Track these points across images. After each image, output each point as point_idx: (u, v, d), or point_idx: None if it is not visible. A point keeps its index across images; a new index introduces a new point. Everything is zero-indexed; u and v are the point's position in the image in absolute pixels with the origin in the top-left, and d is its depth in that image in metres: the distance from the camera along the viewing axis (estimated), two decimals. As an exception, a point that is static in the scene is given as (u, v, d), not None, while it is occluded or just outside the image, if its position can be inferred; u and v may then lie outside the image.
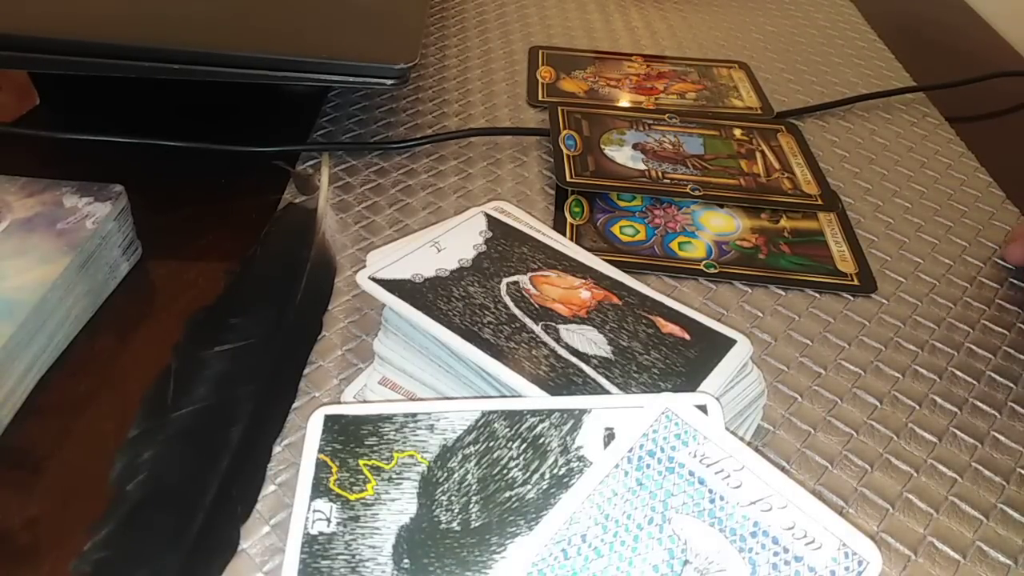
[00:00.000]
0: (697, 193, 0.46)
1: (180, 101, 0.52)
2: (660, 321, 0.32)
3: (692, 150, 0.50)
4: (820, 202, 0.46)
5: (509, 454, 0.27)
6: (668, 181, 0.47)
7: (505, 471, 0.27)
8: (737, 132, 0.52)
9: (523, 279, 0.34)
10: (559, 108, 0.53)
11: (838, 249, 0.44)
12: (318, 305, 0.38)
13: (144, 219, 0.41)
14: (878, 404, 0.36)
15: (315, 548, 0.25)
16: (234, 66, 0.43)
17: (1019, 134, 0.42)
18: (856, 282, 0.42)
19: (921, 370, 0.37)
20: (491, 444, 0.27)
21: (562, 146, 0.49)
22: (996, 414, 0.36)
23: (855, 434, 0.34)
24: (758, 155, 0.50)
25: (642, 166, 0.48)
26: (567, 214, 0.45)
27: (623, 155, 0.48)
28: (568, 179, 0.46)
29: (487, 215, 0.37)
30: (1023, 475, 0.33)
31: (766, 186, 0.47)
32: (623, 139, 0.50)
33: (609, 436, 0.27)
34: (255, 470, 0.31)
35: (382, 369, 0.34)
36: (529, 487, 0.26)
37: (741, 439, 0.27)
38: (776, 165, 0.49)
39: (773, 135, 0.52)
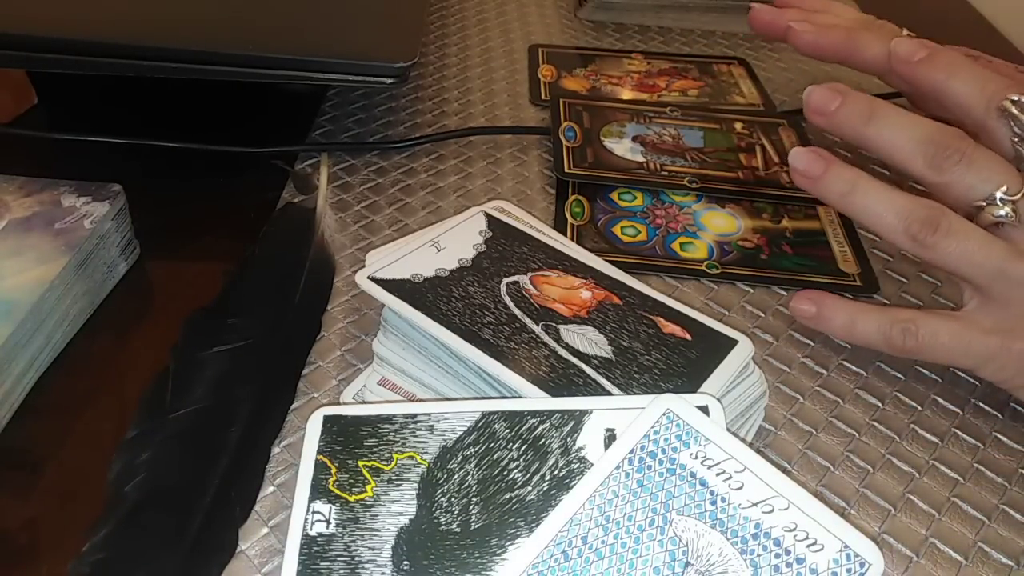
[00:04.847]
0: (694, 186, 0.46)
1: (178, 101, 0.52)
2: (661, 321, 0.32)
3: (692, 143, 0.49)
4: (819, 198, 0.46)
5: (509, 455, 0.27)
6: (666, 173, 0.47)
7: (505, 472, 0.27)
8: (738, 126, 0.52)
9: (523, 279, 0.33)
10: (560, 100, 0.53)
11: (840, 249, 0.44)
12: (317, 305, 0.38)
13: (142, 219, 0.41)
14: (880, 405, 0.36)
15: (314, 549, 0.25)
16: (233, 65, 0.43)
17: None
18: (858, 283, 0.42)
19: (923, 371, 0.37)
20: (491, 445, 0.27)
21: (562, 138, 0.49)
22: (998, 415, 0.35)
23: (857, 435, 0.34)
24: (758, 149, 0.49)
25: (640, 158, 0.48)
26: (568, 214, 0.45)
27: (622, 147, 0.48)
28: (566, 170, 0.46)
29: (487, 215, 0.37)
30: (1026, 476, 0.33)
31: (764, 180, 0.47)
32: (623, 131, 0.50)
33: (610, 437, 0.27)
34: (254, 471, 0.31)
35: (381, 370, 0.34)
36: (529, 488, 0.26)
37: (743, 440, 0.27)
38: (776, 159, 0.49)
39: (774, 129, 0.52)
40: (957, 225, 0.33)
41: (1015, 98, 0.34)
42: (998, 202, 0.33)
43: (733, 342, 0.31)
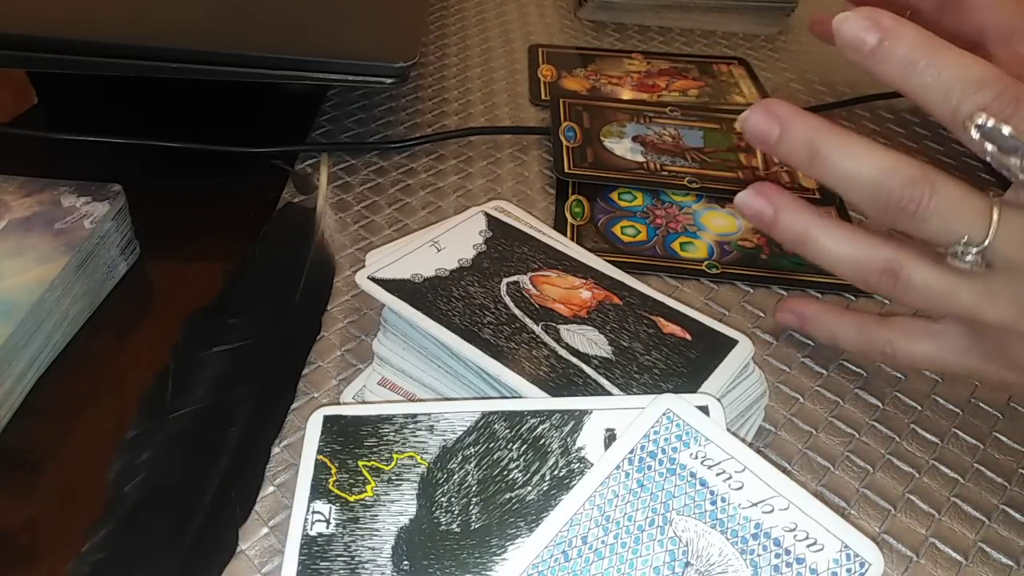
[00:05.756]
0: (694, 186, 0.46)
1: (178, 101, 0.52)
2: (661, 321, 0.32)
3: (692, 143, 0.50)
4: (818, 196, 0.46)
5: (509, 455, 0.27)
6: (666, 174, 0.47)
7: (505, 472, 0.27)
8: (738, 126, 0.52)
9: (523, 279, 0.33)
10: (560, 100, 0.53)
11: (839, 249, 0.44)
12: (317, 305, 0.38)
13: (142, 219, 0.41)
14: (880, 405, 0.36)
15: (314, 549, 0.25)
16: (233, 65, 0.43)
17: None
18: (858, 282, 0.42)
19: (923, 371, 0.37)
20: (491, 445, 0.27)
21: (562, 138, 0.49)
22: (998, 415, 0.35)
23: (857, 435, 0.34)
24: (758, 149, 0.50)
25: (640, 158, 0.48)
26: (568, 214, 0.45)
27: (622, 147, 0.49)
28: (566, 170, 0.46)
29: (487, 215, 0.37)
30: (1026, 476, 0.33)
31: (764, 180, 0.47)
32: (623, 131, 0.50)
33: (610, 437, 0.27)
34: (254, 471, 0.31)
35: (381, 370, 0.34)
36: (529, 488, 0.26)
37: (743, 440, 0.27)
38: (775, 159, 0.49)
39: (774, 131, 0.52)
40: (916, 276, 0.30)
41: (980, 122, 0.28)
42: (959, 254, 0.29)
43: (733, 342, 0.31)
